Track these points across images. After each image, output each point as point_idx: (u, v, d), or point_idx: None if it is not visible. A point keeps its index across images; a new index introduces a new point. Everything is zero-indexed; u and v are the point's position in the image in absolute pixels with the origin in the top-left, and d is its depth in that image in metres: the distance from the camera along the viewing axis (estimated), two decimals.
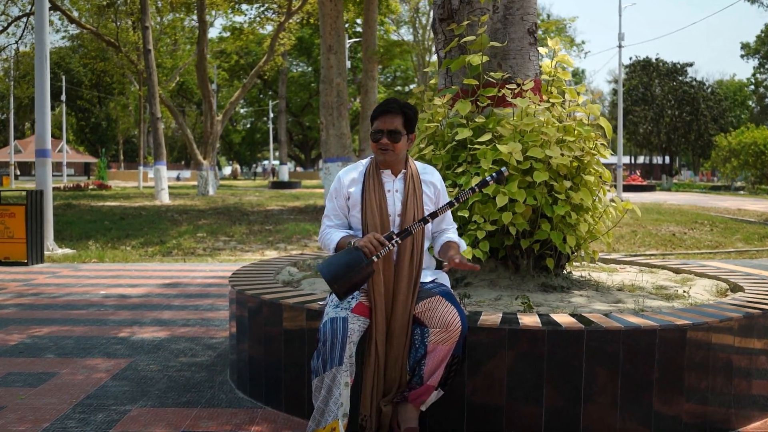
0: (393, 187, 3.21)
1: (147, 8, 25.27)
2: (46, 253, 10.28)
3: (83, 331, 5.50)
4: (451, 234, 3.34)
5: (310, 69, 57.65)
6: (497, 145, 3.92)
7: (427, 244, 3.27)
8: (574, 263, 4.68)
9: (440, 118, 4.35)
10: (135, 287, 7.61)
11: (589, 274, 4.84)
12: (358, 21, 35.07)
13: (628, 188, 37.91)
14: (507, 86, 4.24)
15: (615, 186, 32.24)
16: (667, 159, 61.81)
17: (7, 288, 7.57)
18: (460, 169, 4.08)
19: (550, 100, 4.37)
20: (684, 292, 4.20)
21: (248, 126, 72.61)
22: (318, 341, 3.02)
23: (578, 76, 70.68)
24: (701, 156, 57.08)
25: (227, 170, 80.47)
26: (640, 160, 72.12)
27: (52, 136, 67.50)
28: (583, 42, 67.74)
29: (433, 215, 3.07)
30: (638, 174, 55.29)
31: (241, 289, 4.07)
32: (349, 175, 3.27)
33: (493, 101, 4.30)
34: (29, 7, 28.54)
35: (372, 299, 3.08)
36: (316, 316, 3.51)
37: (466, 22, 4.35)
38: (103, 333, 5.46)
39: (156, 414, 3.70)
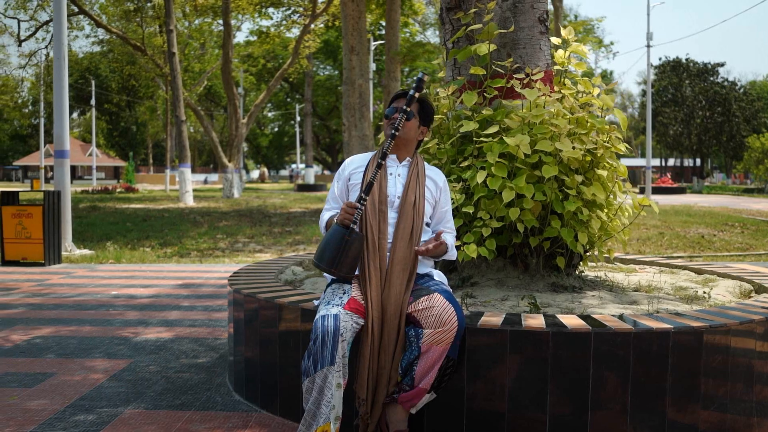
0: (396, 171, 3.17)
1: (171, 12, 25.40)
2: (64, 253, 10.27)
3: (88, 332, 5.41)
4: (447, 236, 3.21)
5: (336, 72, 57.66)
6: (504, 137, 3.73)
7: (425, 237, 3.13)
8: (589, 263, 4.47)
9: (445, 110, 4.18)
10: (147, 288, 7.53)
11: (606, 275, 4.63)
12: (384, 23, 34.94)
13: (657, 190, 37.33)
14: (515, 76, 4.04)
15: (644, 188, 31.72)
16: (698, 161, 60.74)
17: (20, 288, 7.53)
18: (465, 164, 3.90)
19: (562, 91, 4.17)
20: (704, 293, 3.97)
21: (275, 129, 72.88)
22: (310, 340, 2.87)
23: (606, 78, 69.81)
24: (733, 158, 55.99)
25: (255, 174, 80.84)
26: (671, 162, 71.05)
27: (83, 140, 68.59)
28: (611, 43, 66.84)
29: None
30: (669, 176, 54.39)
31: (237, 288, 3.93)
32: (353, 161, 3.27)
33: (501, 92, 4.11)
34: None
35: (366, 277, 2.96)
36: (312, 316, 3.34)
37: (473, 10, 4.17)
38: (107, 333, 5.36)
39: (147, 416, 3.57)
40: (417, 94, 3.01)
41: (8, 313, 6.15)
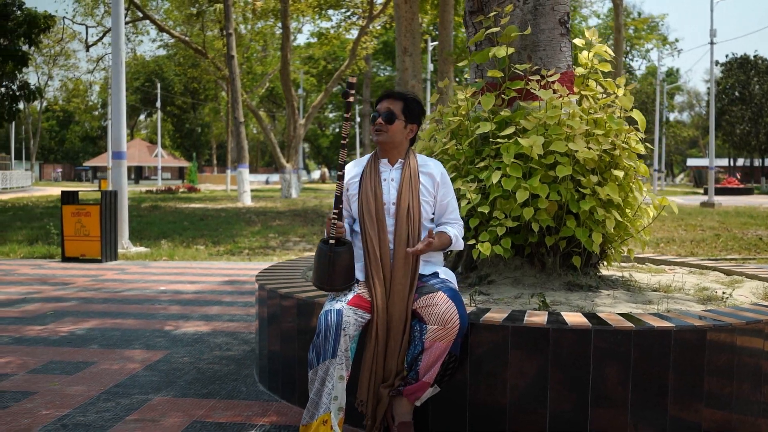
0: (389, 176, 3.23)
1: (230, 16, 26.00)
2: (120, 251, 10.70)
3: (131, 324, 5.68)
4: (449, 227, 3.25)
5: (395, 73, 57.87)
6: (518, 138, 3.80)
7: (424, 234, 3.20)
8: (613, 262, 4.49)
9: (464, 112, 4.26)
10: (194, 284, 7.81)
11: (630, 275, 4.63)
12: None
13: (722, 191, 36.31)
14: (532, 78, 4.10)
15: (707, 189, 30.88)
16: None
17: (75, 283, 7.92)
18: (482, 164, 3.98)
19: (581, 92, 4.20)
20: (724, 294, 3.96)
21: (336, 130, 73.63)
22: (315, 334, 3.01)
23: (673, 75, 68.13)
24: None
25: (316, 174, 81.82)
26: (740, 162, 68.86)
27: (150, 141, 70.60)
28: (676, 40, 65.22)
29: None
30: (738, 177, 52.73)
31: (262, 284, 4.11)
32: (351, 168, 3.32)
33: (520, 94, 4.18)
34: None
35: (371, 286, 3.06)
36: None
37: (493, 14, 4.24)
38: (149, 326, 5.62)
39: (174, 403, 3.78)
40: (351, 99, 3.08)
41: (61, 305, 6.49)
